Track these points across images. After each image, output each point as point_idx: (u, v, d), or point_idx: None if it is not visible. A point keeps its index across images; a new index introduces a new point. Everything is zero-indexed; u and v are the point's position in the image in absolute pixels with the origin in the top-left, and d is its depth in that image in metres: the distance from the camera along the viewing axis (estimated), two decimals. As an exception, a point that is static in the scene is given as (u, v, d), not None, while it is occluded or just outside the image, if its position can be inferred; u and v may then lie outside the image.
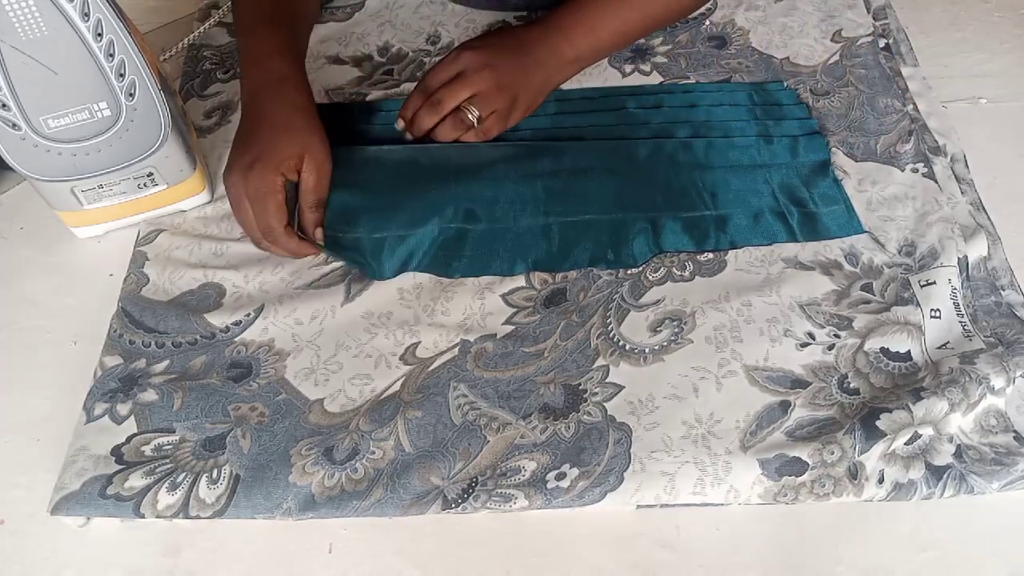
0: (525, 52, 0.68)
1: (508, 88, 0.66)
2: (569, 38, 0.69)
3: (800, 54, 0.77)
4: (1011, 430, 0.53)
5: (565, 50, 0.69)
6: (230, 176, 0.61)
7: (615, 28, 0.70)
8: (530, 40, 0.68)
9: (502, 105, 0.66)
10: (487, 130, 0.67)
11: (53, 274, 0.64)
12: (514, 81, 0.66)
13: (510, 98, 0.66)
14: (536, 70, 0.68)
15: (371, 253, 0.62)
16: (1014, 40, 0.79)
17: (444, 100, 0.65)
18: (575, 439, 0.53)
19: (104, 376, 0.57)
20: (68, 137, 0.57)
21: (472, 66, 0.65)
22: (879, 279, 0.60)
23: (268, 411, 0.55)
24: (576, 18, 0.69)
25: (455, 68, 0.66)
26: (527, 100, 0.68)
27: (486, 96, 0.66)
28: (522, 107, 0.68)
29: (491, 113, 0.66)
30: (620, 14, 0.70)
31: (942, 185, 0.66)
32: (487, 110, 0.66)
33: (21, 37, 0.51)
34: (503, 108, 0.66)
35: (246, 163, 0.60)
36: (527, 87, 0.68)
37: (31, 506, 0.52)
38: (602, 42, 0.70)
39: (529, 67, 0.67)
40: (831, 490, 0.50)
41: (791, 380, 0.55)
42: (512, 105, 0.67)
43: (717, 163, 0.67)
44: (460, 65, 0.66)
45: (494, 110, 0.66)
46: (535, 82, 0.68)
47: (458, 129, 0.66)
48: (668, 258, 0.62)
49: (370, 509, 0.50)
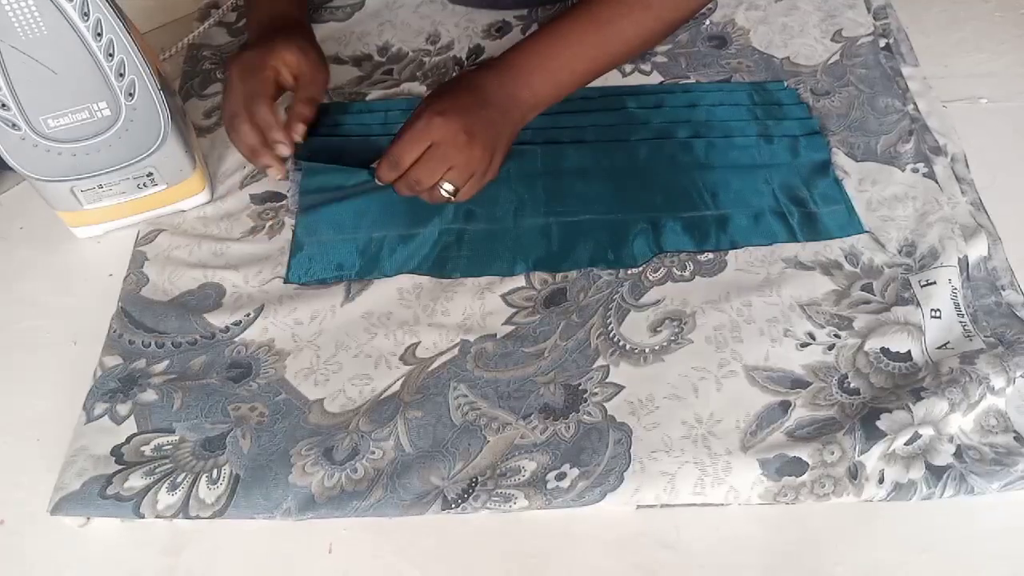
0: (490, 104, 0.62)
1: (483, 151, 0.61)
2: (527, 82, 0.63)
3: (800, 54, 0.77)
4: (1011, 430, 0.53)
5: (524, 95, 0.63)
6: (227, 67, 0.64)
7: (575, 67, 0.64)
8: (490, 89, 0.63)
9: (479, 170, 0.62)
10: (462, 199, 0.63)
11: (53, 274, 0.64)
12: (487, 141, 0.61)
13: (486, 160, 0.62)
14: (502, 121, 0.63)
15: (371, 253, 0.63)
16: (1014, 40, 0.79)
17: (422, 180, 0.61)
18: (575, 439, 0.53)
19: (104, 376, 0.57)
20: (68, 137, 0.57)
21: (445, 138, 0.60)
22: (879, 279, 0.60)
23: (268, 411, 0.55)
24: (531, 61, 0.64)
25: (426, 139, 0.60)
26: (501, 155, 0.63)
27: (463, 168, 0.61)
28: (497, 164, 0.64)
29: (468, 178, 0.62)
30: (580, 52, 0.64)
31: (942, 185, 0.66)
32: (463, 180, 0.62)
33: (21, 37, 0.51)
34: (480, 172, 0.62)
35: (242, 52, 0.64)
36: (500, 142, 0.63)
37: (31, 506, 0.52)
38: (562, 83, 0.65)
39: (496, 121, 0.62)
40: (831, 490, 0.50)
41: (791, 380, 0.55)
42: (487, 167, 0.62)
43: (717, 163, 0.67)
44: (431, 136, 0.60)
45: (471, 174, 0.62)
46: (504, 133, 0.63)
47: (435, 202, 0.63)
48: (668, 258, 0.62)
49: (370, 509, 0.50)
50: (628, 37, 0.65)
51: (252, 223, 0.66)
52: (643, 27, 0.65)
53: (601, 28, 0.64)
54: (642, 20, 0.65)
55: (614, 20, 0.64)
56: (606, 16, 0.64)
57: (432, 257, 0.63)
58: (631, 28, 0.65)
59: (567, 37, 0.64)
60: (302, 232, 0.64)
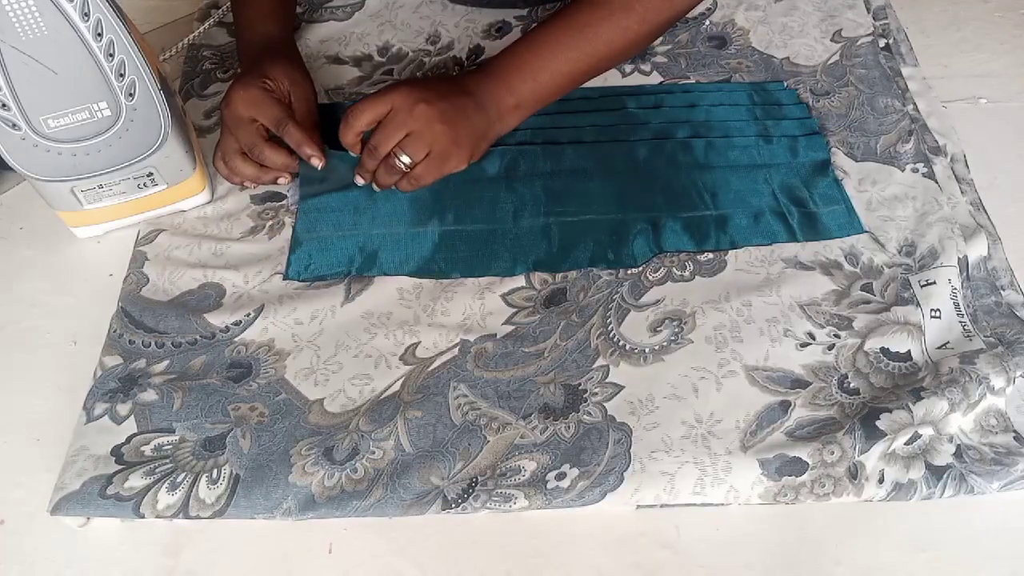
0: (464, 93, 0.62)
1: (446, 127, 0.60)
2: (508, 83, 0.63)
3: (800, 54, 0.77)
4: (1011, 430, 0.53)
5: (504, 96, 0.63)
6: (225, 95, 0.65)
7: (556, 70, 0.64)
8: (469, 84, 0.63)
9: (438, 146, 0.60)
10: (418, 177, 0.62)
11: (53, 274, 0.64)
12: (452, 120, 0.60)
13: (449, 140, 0.61)
14: (476, 113, 0.62)
15: (370, 250, 0.63)
16: (1014, 40, 0.79)
17: (379, 145, 0.61)
18: (575, 439, 0.53)
19: (104, 376, 0.57)
20: (68, 137, 0.57)
21: (403, 104, 0.60)
22: (879, 279, 0.60)
23: (268, 411, 0.55)
24: (514, 64, 0.64)
25: (383, 106, 0.60)
26: (469, 142, 0.62)
27: (420, 135, 0.60)
28: (463, 150, 0.62)
29: (425, 156, 0.61)
30: (561, 55, 0.64)
31: (942, 185, 0.66)
32: (421, 152, 0.60)
33: (21, 37, 0.51)
34: (439, 149, 0.61)
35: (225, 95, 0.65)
36: (467, 128, 0.62)
37: (31, 506, 0.52)
38: (544, 86, 0.64)
39: (468, 108, 0.62)
40: (831, 490, 0.50)
41: (791, 380, 0.55)
42: (450, 146, 0.61)
43: (717, 163, 0.67)
44: (388, 103, 0.60)
45: (428, 151, 0.61)
46: (477, 124, 0.62)
47: (392, 175, 0.62)
48: (668, 258, 0.62)
49: (370, 509, 0.50)
50: (610, 39, 0.64)
51: (252, 223, 0.66)
52: (626, 30, 0.65)
53: (582, 31, 0.64)
54: (624, 23, 0.64)
55: (594, 24, 0.64)
56: (585, 20, 0.64)
57: (432, 256, 0.63)
58: (612, 31, 0.64)
59: (547, 41, 0.64)
60: (302, 229, 0.64)
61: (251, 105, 0.63)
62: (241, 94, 0.64)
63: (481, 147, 0.64)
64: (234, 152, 0.65)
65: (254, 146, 0.65)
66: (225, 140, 0.66)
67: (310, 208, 0.65)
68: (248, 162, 0.66)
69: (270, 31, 0.71)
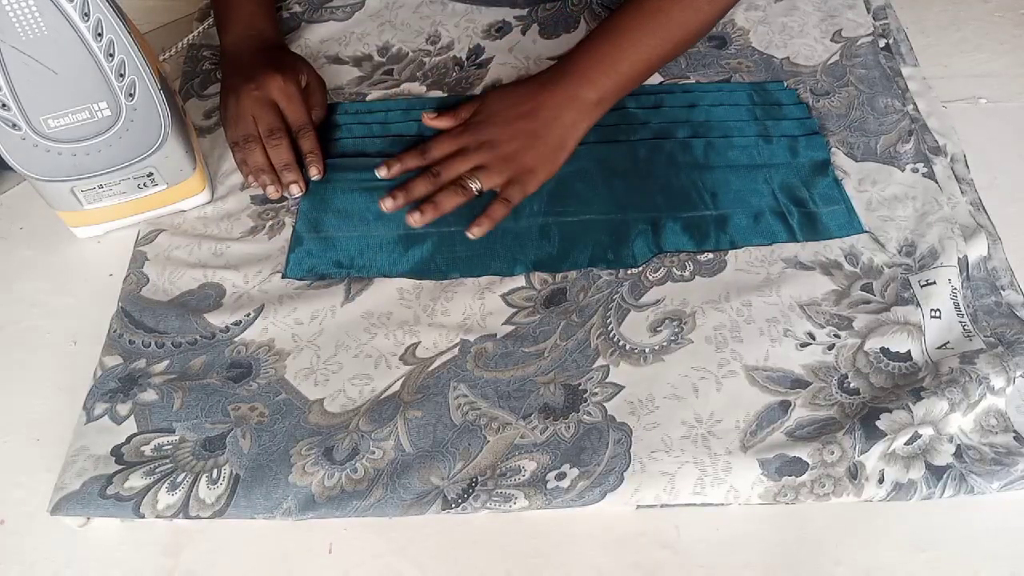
0: (533, 117, 0.65)
1: (511, 160, 0.64)
2: (590, 80, 0.65)
3: (800, 54, 0.77)
4: (1011, 430, 0.53)
5: (587, 94, 0.65)
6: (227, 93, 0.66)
7: (636, 59, 0.66)
8: (543, 96, 0.65)
9: (504, 178, 0.64)
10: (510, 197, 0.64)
11: (53, 274, 0.64)
12: (516, 152, 0.64)
13: (515, 169, 0.64)
14: (548, 131, 0.65)
15: (370, 250, 0.63)
16: (1014, 40, 0.79)
17: (442, 172, 0.64)
18: (575, 439, 0.53)
19: (104, 376, 0.57)
20: (68, 137, 0.57)
21: (471, 144, 0.64)
22: (879, 279, 0.60)
23: (268, 411, 0.55)
24: (593, 58, 0.66)
25: (456, 145, 0.65)
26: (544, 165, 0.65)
27: (488, 169, 0.64)
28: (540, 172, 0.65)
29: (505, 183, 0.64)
30: (639, 42, 0.66)
31: (942, 185, 0.66)
32: (488, 183, 0.64)
33: (21, 37, 0.51)
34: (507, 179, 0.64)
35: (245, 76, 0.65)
36: (537, 154, 0.65)
37: (31, 506, 0.52)
38: (625, 76, 0.66)
39: (538, 132, 0.65)
40: (831, 490, 0.50)
41: (791, 380, 0.55)
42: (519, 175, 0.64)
43: (717, 163, 0.67)
44: (461, 143, 0.65)
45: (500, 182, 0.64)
46: (549, 143, 0.65)
47: (458, 196, 0.63)
48: (668, 258, 0.62)
49: (370, 509, 0.50)
50: (684, 22, 0.67)
51: (252, 223, 0.66)
52: (698, 11, 0.67)
53: (655, 17, 0.66)
54: (695, 4, 0.66)
55: (666, 8, 0.66)
56: (657, 5, 0.66)
57: (432, 256, 0.63)
58: (685, 13, 0.66)
59: (624, 30, 0.66)
60: (302, 227, 0.64)
61: (284, 96, 0.65)
62: (279, 82, 0.64)
63: (559, 158, 0.66)
64: (250, 138, 0.65)
65: (273, 132, 0.65)
66: (243, 123, 0.66)
67: (310, 208, 0.65)
68: (260, 151, 0.65)
69: (260, 26, 0.71)
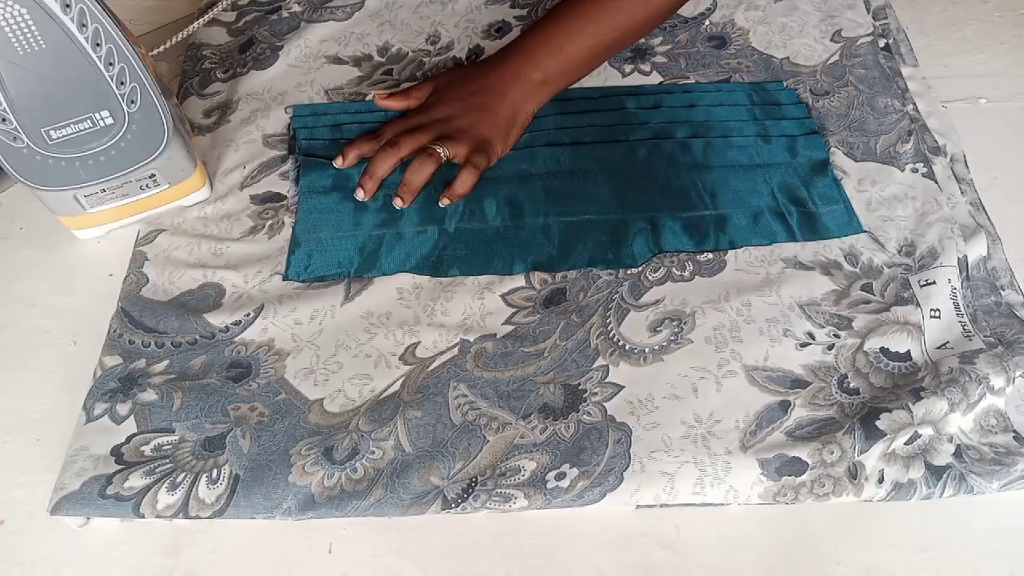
0: (483, 92, 0.66)
1: (468, 131, 0.65)
2: (533, 60, 0.67)
3: (800, 54, 0.77)
4: (1011, 430, 0.53)
5: (532, 73, 0.67)
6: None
7: (582, 44, 0.67)
8: (491, 75, 0.67)
9: (466, 148, 0.65)
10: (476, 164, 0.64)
11: (53, 274, 0.64)
12: (472, 125, 0.65)
13: (475, 139, 0.65)
14: (498, 106, 0.66)
15: (370, 250, 0.63)
16: (1014, 40, 0.79)
17: (401, 144, 0.65)
18: (575, 439, 0.53)
19: (104, 376, 0.57)
20: (71, 146, 0.56)
21: (425, 122, 0.66)
22: (879, 279, 0.60)
23: (268, 411, 0.55)
24: (539, 40, 0.67)
25: (410, 125, 0.66)
26: (499, 138, 0.66)
27: (451, 139, 0.65)
28: (497, 145, 0.66)
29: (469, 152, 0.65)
30: (585, 28, 0.67)
31: (942, 185, 0.66)
32: (453, 150, 0.64)
33: (18, 51, 0.51)
34: (470, 148, 0.65)
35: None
36: (491, 126, 0.66)
37: (31, 506, 0.52)
38: (570, 60, 0.68)
39: (489, 106, 0.66)
40: (831, 490, 0.50)
41: (791, 380, 0.55)
42: (479, 144, 0.65)
43: (716, 163, 0.67)
44: (415, 122, 0.66)
45: (464, 151, 0.65)
46: (501, 116, 0.66)
47: (429, 163, 0.64)
48: (668, 258, 0.62)
49: (370, 509, 0.50)
50: (632, 13, 0.68)
51: (252, 223, 0.66)
52: (646, 4, 0.68)
53: (604, 5, 0.67)
54: None
55: None
56: None
57: (431, 256, 0.63)
58: (634, 5, 0.67)
59: (571, 15, 0.67)
60: (301, 229, 0.64)
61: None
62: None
63: (512, 132, 0.67)
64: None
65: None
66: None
67: (310, 208, 0.65)
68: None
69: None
